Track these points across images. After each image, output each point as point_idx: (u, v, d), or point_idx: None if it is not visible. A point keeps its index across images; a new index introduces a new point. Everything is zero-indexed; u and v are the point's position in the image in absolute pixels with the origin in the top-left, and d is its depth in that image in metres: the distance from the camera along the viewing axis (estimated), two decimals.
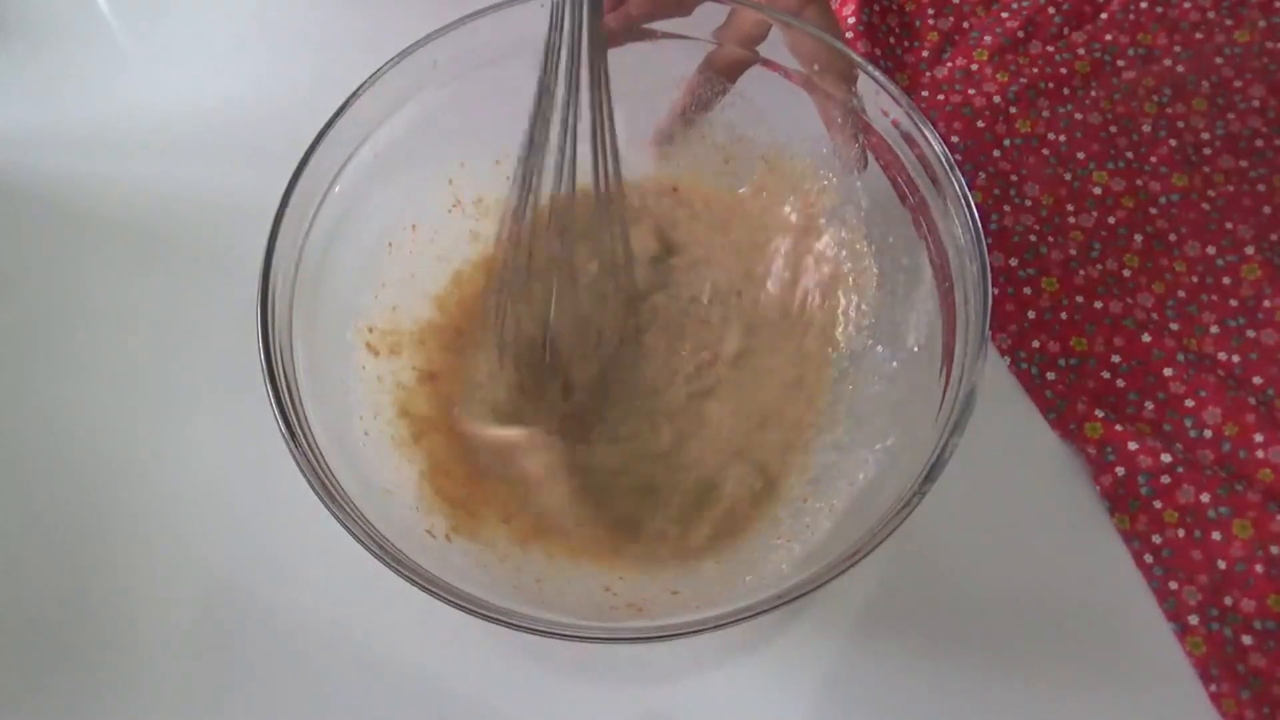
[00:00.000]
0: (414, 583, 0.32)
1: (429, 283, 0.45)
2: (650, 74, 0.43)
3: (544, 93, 0.38)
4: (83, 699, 0.41)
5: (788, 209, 0.46)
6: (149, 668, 0.41)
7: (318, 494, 0.33)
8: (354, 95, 0.38)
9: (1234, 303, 0.46)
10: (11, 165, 0.53)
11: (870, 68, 0.39)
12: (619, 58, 0.38)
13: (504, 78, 0.42)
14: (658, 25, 0.41)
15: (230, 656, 0.41)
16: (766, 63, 0.42)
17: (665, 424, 0.43)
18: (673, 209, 0.47)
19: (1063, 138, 0.51)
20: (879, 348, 0.42)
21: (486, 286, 0.44)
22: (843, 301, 0.44)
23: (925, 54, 0.53)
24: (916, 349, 0.39)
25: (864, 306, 0.44)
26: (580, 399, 0.43)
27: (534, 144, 0.38)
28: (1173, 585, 0.42)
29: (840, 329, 0.44)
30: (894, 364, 0.41)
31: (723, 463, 0.42)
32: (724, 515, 0.41)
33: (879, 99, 0.39)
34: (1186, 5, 0.53)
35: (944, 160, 0.37)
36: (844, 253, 0.44)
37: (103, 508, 0.44)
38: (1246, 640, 0.40)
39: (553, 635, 0.32)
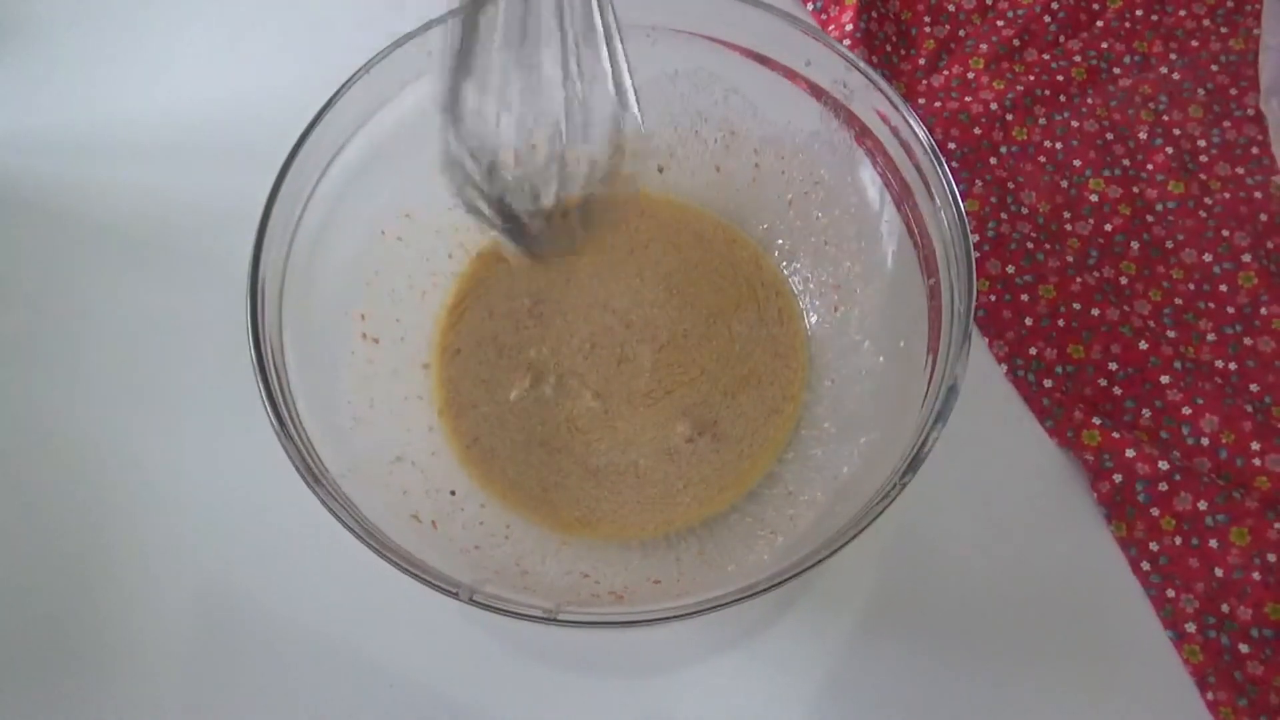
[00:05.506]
0: (398, 566, 0.32)
1: (422, 271, 0.45)
2: (645, 70, 0.44)
3: None
4: (79, 698, 0.41)
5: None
6: (145, 667, 0.41)
7: (305, 480, 0.33)
8: (346, 84, 0.38)
9: (1231, 310, 0.46)
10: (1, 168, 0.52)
11: (860, 62, 0.39)
12: None
13: None
14: (654, 20, 0.42)
15: (227, 655, 0.41)
16: (763, 60, 0.42)
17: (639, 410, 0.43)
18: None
19: (1059, 145, 0.51)
20: (866, 343, 0.42)
21: None
22: (832, 297, 0.44)
23: (922, 62, 0.54)
24: (903, 344, 0.39)
25: (851, 302, 0.44)
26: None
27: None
28: (1170, 593, 0.41)
29: (827, 324, 0.44)
30: (880, 359, 0.41)
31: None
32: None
33: (868, 93, 0.39)
34: (1182, 13, 0.53)
35: (931, 153, 0.37)
36: (831, 249, 0.44)
37: (97, 508, 0.44)
38: (1243, 648, 0.40)
39: (534, 619, 0.31)
